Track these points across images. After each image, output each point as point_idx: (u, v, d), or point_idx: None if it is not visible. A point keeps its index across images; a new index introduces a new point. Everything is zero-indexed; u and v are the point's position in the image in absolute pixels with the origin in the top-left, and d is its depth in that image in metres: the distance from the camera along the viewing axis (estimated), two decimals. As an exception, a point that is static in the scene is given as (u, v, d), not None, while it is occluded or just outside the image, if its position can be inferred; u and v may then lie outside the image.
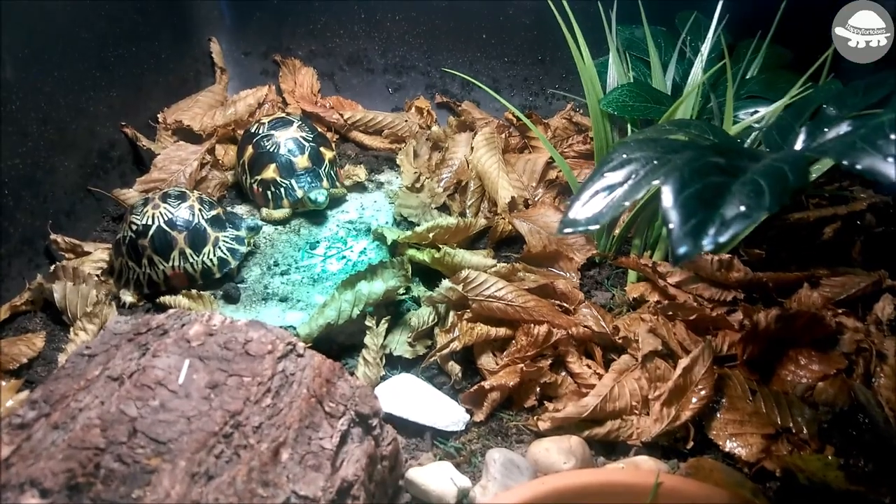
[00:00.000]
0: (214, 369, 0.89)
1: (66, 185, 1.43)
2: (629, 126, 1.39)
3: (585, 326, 1.21)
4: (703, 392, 1.10)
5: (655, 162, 0.80)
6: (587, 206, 0.78)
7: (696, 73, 1.36)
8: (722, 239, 0.63)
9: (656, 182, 0.76)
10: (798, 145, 0.93)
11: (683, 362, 1.12)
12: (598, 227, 0.76)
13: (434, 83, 1.85)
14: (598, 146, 1.38)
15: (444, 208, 1.54)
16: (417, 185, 1.57)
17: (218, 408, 0.85)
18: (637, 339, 1.18)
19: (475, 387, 1.14)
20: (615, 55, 1.42)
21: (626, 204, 0.76)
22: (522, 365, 1.15)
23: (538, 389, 1.16)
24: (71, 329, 1.22)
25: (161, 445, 0.80)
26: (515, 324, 1.22)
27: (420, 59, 1.84)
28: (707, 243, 0.64)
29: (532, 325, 1.19)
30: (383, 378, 1.19)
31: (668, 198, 0.68)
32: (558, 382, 1.17)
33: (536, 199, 1.53)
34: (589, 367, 1.18)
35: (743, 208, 0.65)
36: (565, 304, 1.26)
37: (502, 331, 1.21)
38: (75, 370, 0.93)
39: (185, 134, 1.66)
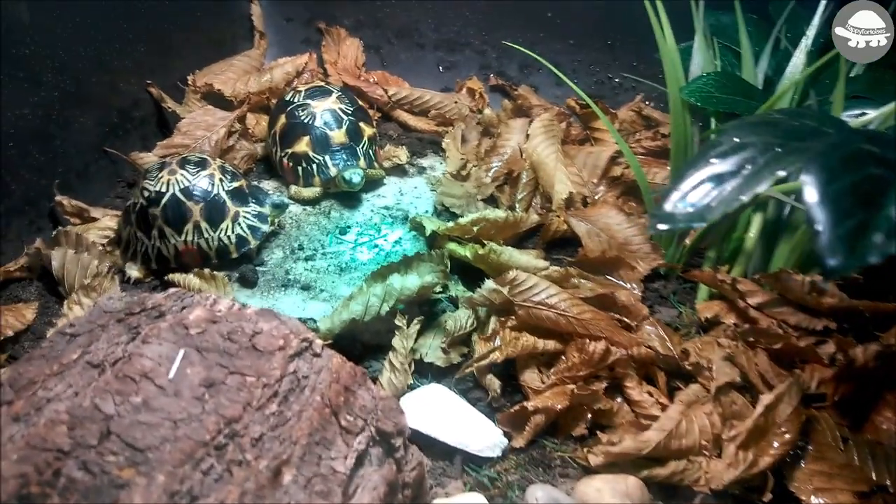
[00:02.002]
0: (213, 364, 0.75)
1: (80, 143, 1.32)
2: (712, 121, 1.21)
3: (649, 347, 1.06)
4: (786, 436, 0.95)
5: (778, 149, 0.63)
6: (688, 199, 0.62)
7: (796, 66, 1.18)
8: (894, 249, 0.46)
9: (781, 173, 0.59)
10: (946, 147, 0.74)
11: (766, 399, 0.96)
12: (703, 224, 0.59)
13: (489, 63, 1.70)
14: (676, 140, 1.20)
15: (490, 200, 1.40)
16: (463, 173, 1.43)
17: (212, 412, 0.70)
18: (710, 366, 1.02)
19: (516, 407, 1.00)
20: (701, 40, 1.25)
21: (744, 199, 0.60)
22: (574, 386, 1.00)
23: (589, 416, 1.01)
24: (65, 302, 1.09)
25: (137, 453, 0.65)
26: (567, 337, 1.08)
27: (476, 35, 1.70)
28: (872, 253, 0.46)
29: (587, 340, 1.05)
30: (410, 387, 1.04)
31: (811, 192, 0.52)
32: (614, 410, 1.01)
33: (597, 197, 1.37)
34: (650, 394, 1.03)
35: (922, 211, 0.47)
36: (626, 320, 1.10)
37: (551, 344, 1.07)
38: (52, 351, 0.79)
39: (215, 99, 1.54)
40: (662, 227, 0.60)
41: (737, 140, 0.66)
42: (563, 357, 1.06)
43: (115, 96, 1.40)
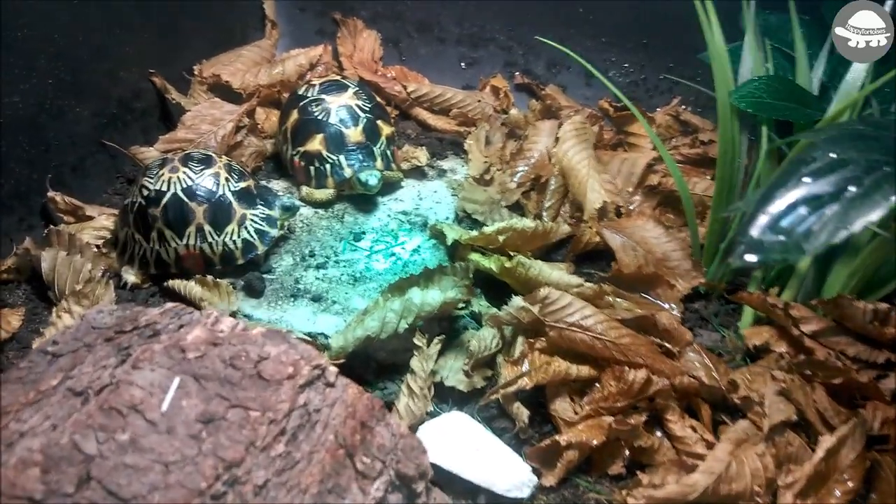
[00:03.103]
0: (212, 395, 0.65)
1: (76, 134, 1.24)
2: (763, 129, 1.11)
3: (693, 377, 0.95)
4: (849, 484, 0.87)
5: (886, 168, 0.53)
6: (781, 225, 0.52)
7: (858, 71, 1.08)
8: None
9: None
10: None
11: (827, 442, 0.87)
12: (802, 257, 0.49)
13: (515, 60, 1.61)
14: (723, 149, 1.11)
15: (515, 207, 1.30)
16: (486, 177, 1.33)
17: (210, 453, 0.61)
18: (762, 401, 0.92)
19: (547, 441, 0.90)
20: (752, 40, 1.15)
21: (853, 228, 0.49)
22: (611, 419, 0.90)
23: (627, 453, 0.91)
24: (54, 309, 1.00)
25: (121, 504, 0.56)
26: (602, 363, 0.99)
27: (501, 30, 1.61)
28: None
29: (626, 367, 0.95)
30: (430, 414, 0.94)
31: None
32: (654, 447, 0.91)
33: (632, 207, 1.27)
34: (694, 429, 0.94)
35: None
36: (667, 345, 1.01)
37: (585, 370, 0.98)
38: (30, 374, 0.69)
39: (223, 91, 1.46)
40: (751, 258, 0.50)
41: (833, 156, 0.56)
42: (598, 385, 0.97)
43: (115, 85, 1.32)
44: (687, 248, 1.16)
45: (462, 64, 1.65)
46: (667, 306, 1.11)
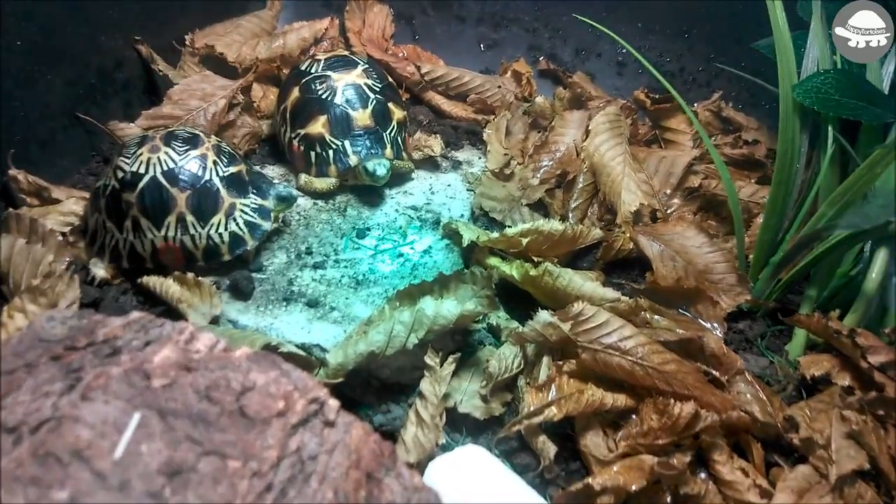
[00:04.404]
0: (181, 438, 0.52)
1: (47, 105, 1.10)
2: (829, 128, 0.98)
3: (745, 411, 0.83)
4: None
5: None
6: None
7: (939, 68, 0.95)
8: None
9: None
10: None
11: None
12: None
13: (540, 44, 1.49)
14: (783, 149, 0.98)
15: (537, 206, 1.18)
16: (506, 172, 1.21)
17: (173, 517, 0.47)
18: (827, 444, 0.79)
19: (579, 485, 0.78)
20: (819, 28, 1.02)
21: None
22: (654, 461, 0.77)
23: (669, 499, 0.78)
24: (5, 308, 0.86)
25: (51, 589, 0.43)
26: (641, 392, 0.86)
27: (526, 10, 1.49)
28: None
29: (670, 399, 0.82)
30: (441, 447, 0.81)
31: None
32: (701, 494, 0.78)
33: (669, 211, 1.14)
34: (744, 472, 0.81)
35: None
36: (714, 373, 0.88)
37: (621, 399, 0.87)
38: (-46, 399, 0.55)
39: (216, 64, 1.34)
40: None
41: None
42: (636, 417, 0.85)
43: (95, 52, 1.19)
44: (733, 259, 1.03)
45: (481, 46, 1.54)
46: (708, 325, 0.99)
